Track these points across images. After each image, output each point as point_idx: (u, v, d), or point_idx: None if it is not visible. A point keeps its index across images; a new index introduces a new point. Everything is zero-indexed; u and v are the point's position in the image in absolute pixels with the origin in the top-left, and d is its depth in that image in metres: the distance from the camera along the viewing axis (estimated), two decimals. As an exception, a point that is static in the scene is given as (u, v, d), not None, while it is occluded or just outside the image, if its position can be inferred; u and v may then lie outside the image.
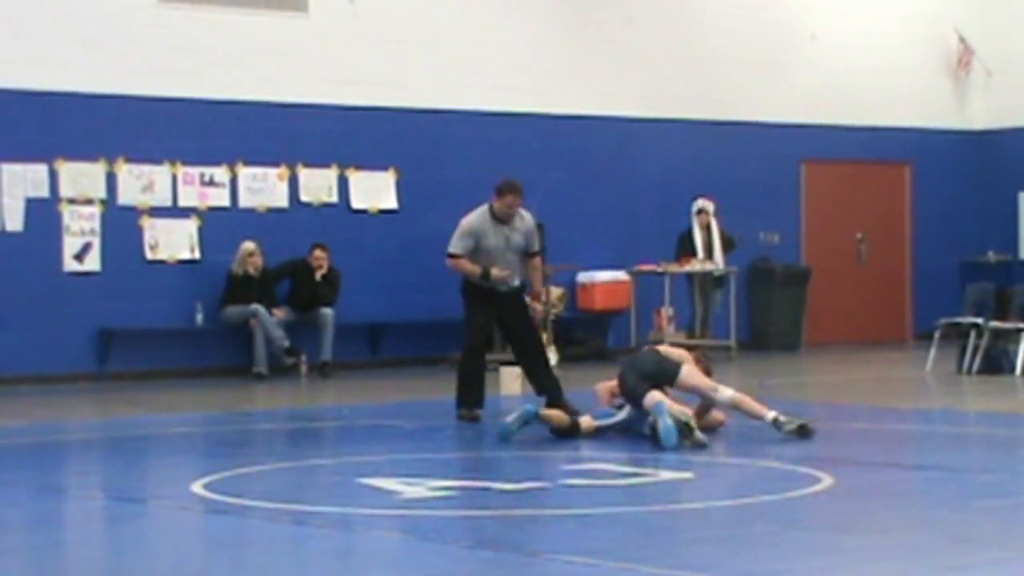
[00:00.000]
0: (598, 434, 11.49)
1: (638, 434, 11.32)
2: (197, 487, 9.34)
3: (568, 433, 11.47)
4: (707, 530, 8.05)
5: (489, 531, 7.97)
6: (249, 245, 17.60)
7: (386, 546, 7.84)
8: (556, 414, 11.67)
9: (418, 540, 7.78)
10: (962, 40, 22.55)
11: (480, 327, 13.07)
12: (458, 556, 7.34)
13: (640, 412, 11.35)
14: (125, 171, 17.40)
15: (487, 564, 7.19)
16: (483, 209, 13.15)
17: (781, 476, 9.80)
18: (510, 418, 11.49)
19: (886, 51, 22.12)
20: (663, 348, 12.10)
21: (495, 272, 12.82)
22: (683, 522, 8.34)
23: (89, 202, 17.20)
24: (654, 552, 7.44)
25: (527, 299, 13.19)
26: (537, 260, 13.34)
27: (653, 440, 11.02)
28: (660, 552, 7.45)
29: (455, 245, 13.06)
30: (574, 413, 11.90)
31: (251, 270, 17.60)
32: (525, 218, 13.17)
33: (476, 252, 12.95)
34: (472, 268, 12.91)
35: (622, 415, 11.53)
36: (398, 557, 7.60)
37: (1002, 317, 17.24)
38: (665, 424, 10.92)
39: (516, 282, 13.06)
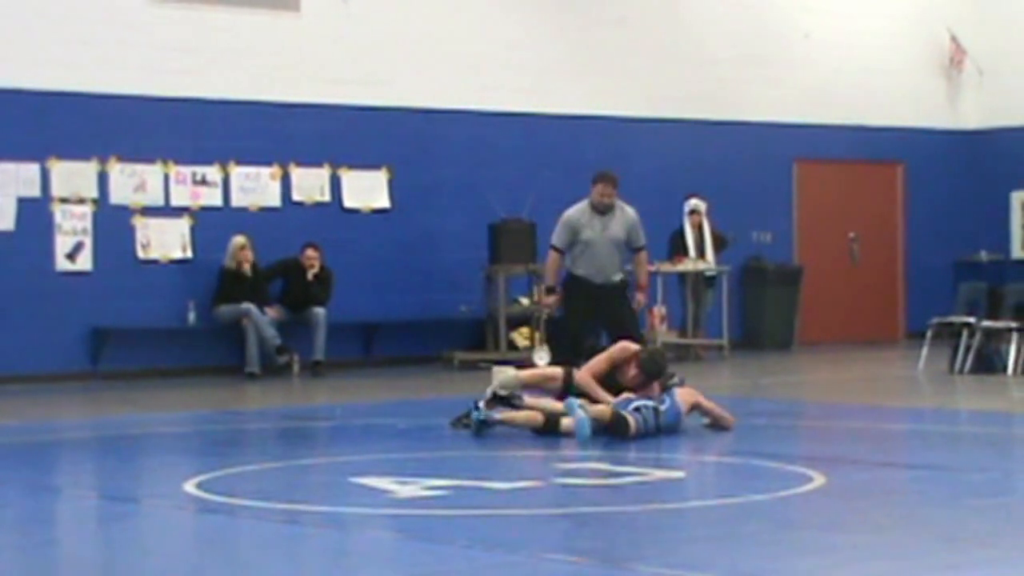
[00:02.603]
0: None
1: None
2: (190, 486, 9.33)
3: (546, 431, 11.45)
4: (699, 529, 8.05)
5: (482, 530, 7.97)
6: (240, 239, 17.60)
7: (379, 545, 7.83)
8: (520, 416, 11.63)
9: (411, 539, 7.78)
10: (954, 39, 22.59)
11: (578, 322, 13.16)
12: (451, 555, 7.34)
13: (622, 410, 11.40)
14: (117, 170, 17.39)
15: (480, 564, 7.19)
16: (584, 202, 13.28)
17: (773, 475, 9.80)
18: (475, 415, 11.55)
19: (879, 50, 22.14)
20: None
21: (545, 299, 13.29)
22: (675, 521, 8.34)
23: (81, 201, 17.19)
24: (647, 551, 7.45)
25: (634, 291, 13.43)
26: (642, 255, 13.53)
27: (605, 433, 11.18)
28: (653, 551, 7.45)
29: (556, 237, 13.31)
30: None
31: (244, 265, 17.58)
32: (626, 211, 13.31)
33: (577, 245, 13.04)
34: (552, 272, 13.26)
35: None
36: (391, 556, 7.60)
37: (994, 316, 17.26)
38: (579, 418, 11.14)
39: (617, 278, 13.16)
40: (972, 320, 17.00)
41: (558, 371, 11.90)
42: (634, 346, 12.00)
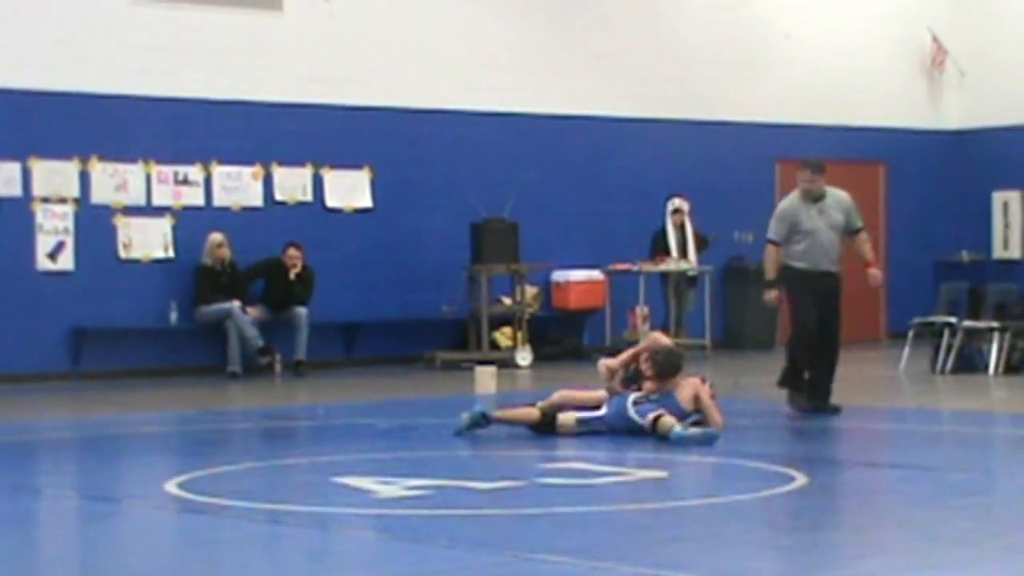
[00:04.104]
0: (579, 427, 11.47)
1: (621, 429, 11.32)
2: (171, 486, 9.31)
3: (544, 429, 11.47)
4: (683, 529, 8.06)
5: (465, 531, 7.96)
6: (217, 236, 17.57)
7: (361, 545, 7.83)
8: (516, 413, 11.66)
9: (393, 540, 7.77)
10: (936, 40, 22.62)
11: (808, 312, 13.01)
12: (433, 556, 7.33)
13: (618, 408, 11.39)
14: (99, 170, 17.35)
15: (462, 564, 7.19)
16: (795, 192, 13.16)
17: (756, 475, 9.81)
18: (464, 416, 11.55)
19: (860, 51, 22.17)
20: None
21: (767, 295, 13.15)
22: (659, 521, 8.34)
23: (62, 201, 17.14)
24: (630, 551, 7.45)
25: (869, 269, 13.34)
26: (863, 234, 13.36)
27: (642, 433, 11.17)
28: (636, 551, 7.45)
29: (771, 230, 13.13)
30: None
31: (221, 261, 17.52)
32: (839, 196, 13.19)
33: (796, 236, 12.95)
34: (771, 266, 13.11)
35: (603, 411, 11.52)
36: (373, 556, 7.59)
37: (975, 316, 17.31)
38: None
39: (836, 267, 13.07)
40: (953, 320, 17.04)
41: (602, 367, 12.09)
42: (665, 338, 12.08)
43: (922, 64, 22.76)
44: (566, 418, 11.52)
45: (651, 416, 11.18)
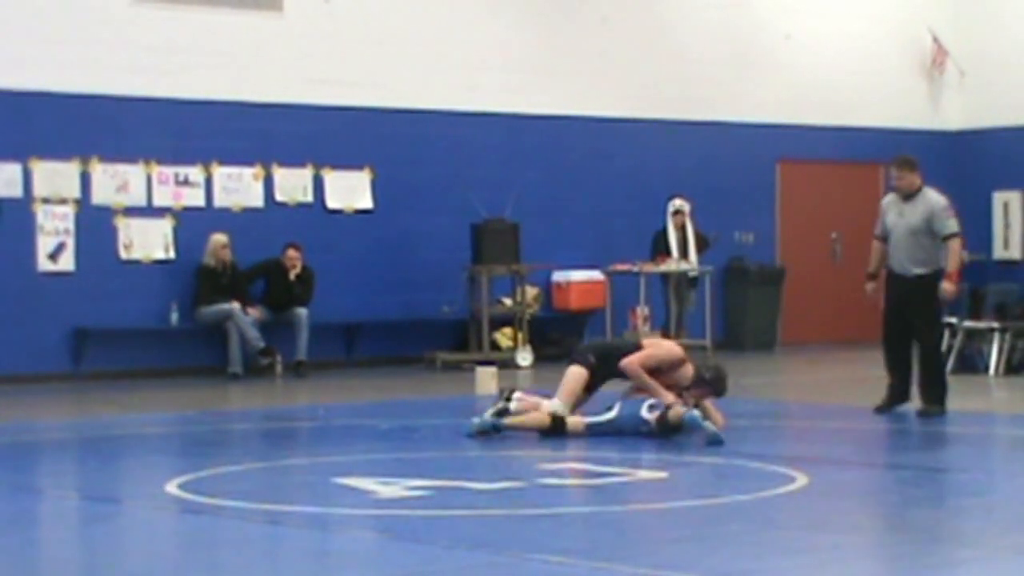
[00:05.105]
0: (588, 432, 11.47)
1: (629, 432, 11.31)
2: (172, 487, 9.32)
3: (553, 432, 11.46)
4: (682, 529, 8.06)
5: (465, 531, 7.97)
6: (221, 237, 17.56)
7: (362, 546, 7.83)
8: (528, 419, 11.65)
9: (394, 540, 7.78)
10: (936, 40, 22.63)
11: (886, 314, 12.95)
12: (434, 556, 7.34)
13: (632, 409, 11.38)
14: (99, 171, 17.35)
15: (463, 564, 7.20)
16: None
17: (756, 475, 9.81)
18: (475, 420, 11.54)
19: (860, 51, 22.18)
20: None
21: (866, 286, 13.04)
22: (658, 521, 8.35)
23: (63, 202, 17.15)
24: (630, 551, 7.45)
25: (942, 281, 12.85)
26: (952, 243, 12.81)
27: (650, 435, 11.14)
28: (636, 551, 7.46)
29: (877, 225, 13.07)
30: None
31: (223, 262, 17.51)
32: (929, 197, 12.88)
33: (887, 233, 12.91)
34: (872, 260, 13.16)
35: (613, 413, 11.52)
36: (374, 557, 7.59)
37: (976, 317, 17.31)
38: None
39: (916, 271, 12.76)
40: (954, 320, 17.03)
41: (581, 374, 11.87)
42: (679, 350, 11.98)
43: (922, 64, 22.76)
44: (575, 423, 11.54)
45: (657, 412, 11.21)
